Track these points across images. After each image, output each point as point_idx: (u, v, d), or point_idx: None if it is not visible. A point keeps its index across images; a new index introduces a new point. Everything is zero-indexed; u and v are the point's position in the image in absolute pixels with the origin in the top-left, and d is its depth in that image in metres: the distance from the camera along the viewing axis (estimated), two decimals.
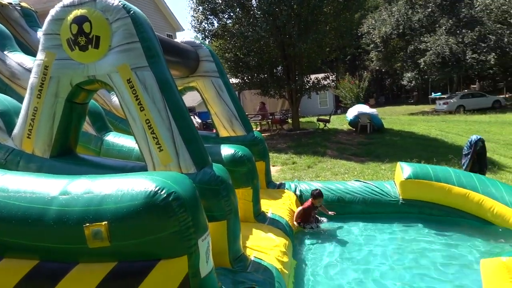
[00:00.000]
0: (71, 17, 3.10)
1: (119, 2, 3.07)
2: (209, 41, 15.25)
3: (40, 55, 3.29)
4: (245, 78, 15.28)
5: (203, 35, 15.28)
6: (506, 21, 27.91)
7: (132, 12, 3.09)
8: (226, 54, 15.04)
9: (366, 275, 3.91)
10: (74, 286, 2.24)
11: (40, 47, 3.31)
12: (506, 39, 26.50)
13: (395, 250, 4.47)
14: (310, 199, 5.23)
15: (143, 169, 3.26)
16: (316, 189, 5.28)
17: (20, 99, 3.74)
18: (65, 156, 3.44)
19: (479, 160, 6.87)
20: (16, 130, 3.45)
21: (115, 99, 6.15)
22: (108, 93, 5.95)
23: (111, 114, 5.91)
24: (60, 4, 3.19)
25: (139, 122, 3.14)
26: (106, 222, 2.13)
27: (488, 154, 8.42)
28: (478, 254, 4.14)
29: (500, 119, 20.09)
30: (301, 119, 17.74)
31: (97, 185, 2.27)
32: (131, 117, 3.17)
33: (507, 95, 31.25)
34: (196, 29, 15.29)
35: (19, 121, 3.43)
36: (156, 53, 3.22)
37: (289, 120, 16.94)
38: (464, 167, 6.77)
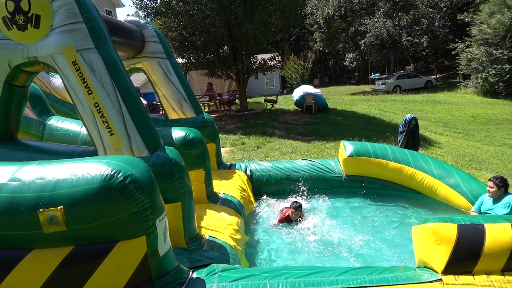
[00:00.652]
0: None
1: None
2: (151, 18, 14.69)
3: None
4: (191, 58, 14.99)
5: (145, 12, 14.68)
6: (437, 6, 29.88)
7: None
8: (170, 33, 14.60)
9: (313, 246, 4.20)
10: (28, 273, 2.22)
11: None
12: (437, 23, 28.41)
13: (341, 222, 4.81)
14: (288, 209, 4.85)
15: (93, 153, 3.21)
16: (296, 202, 4.86)
17: None
18: (7, 142, 3.28)
19: (412, 137, 7.48)
20: None
21: (54, 80, 5.84)
22: (47, 75, 5.63)
23: (51, 96, 5.61)
24: None
25: (87, 106, 3.07)
26: (61, 207, 2.12)
27: (420, 131, 9.18)
28: (411, 221, 4.60)
29: (432, 99, 21.71)
30: (249, 100, 17.85)
31: (49, 171, 2.24)
32: (79, 101, 3.09)
33: (437, 76, 33.66)
34: (138, 6, 14.62)
35: None
36: (102, 34, 3.13)
37: (237, 101, 17.01)
38: (399, 144, 7.34)
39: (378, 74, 33.82)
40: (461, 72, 25.32)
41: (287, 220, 4.82)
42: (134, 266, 2.29)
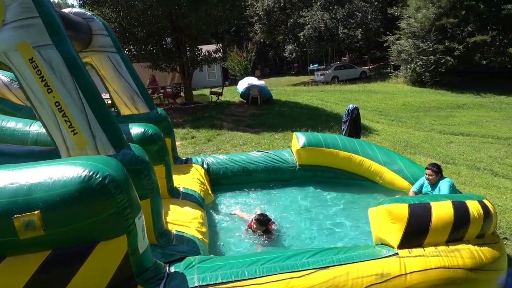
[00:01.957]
0: None
1: None
2: (88, 8, 13.89)
3: None
4: (133, 50, 14.46)
5: (80, 1, 13.87)
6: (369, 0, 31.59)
7: None
8: (109, 24, 13.93)
9: (273, 237, 4.39)
10: (2, 283, 2.14)
11: None
12: (369, 16, 30.08)
13: (297, 211, 5.05)
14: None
15: (53, 153, 3.09)
16: (262, 214, 4.42)
17: None
18: None
19: (355, 126, 7.97)
20: None
21: None
22: None
23: None
24: None
25: (47, 105, 2.95)
26: (38, 211, 2.07)
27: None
28: (361, 205, 4.98)
29: (367, 88, 23.05)
30: (193, 92, 17.66)
31: (20, 175, 2.16)
32: (37, 100, 2.96)
33: (370, 67, 35.68)
34: None
35: None
36: (60, 30, 3.02)
37: (182, 94, 16.74)
38: (343, 133, 7.79)
39: (317, 65, 35.02)
40: (392, 63, 27.11)
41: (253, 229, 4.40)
42: (116, 265, 2.30)
